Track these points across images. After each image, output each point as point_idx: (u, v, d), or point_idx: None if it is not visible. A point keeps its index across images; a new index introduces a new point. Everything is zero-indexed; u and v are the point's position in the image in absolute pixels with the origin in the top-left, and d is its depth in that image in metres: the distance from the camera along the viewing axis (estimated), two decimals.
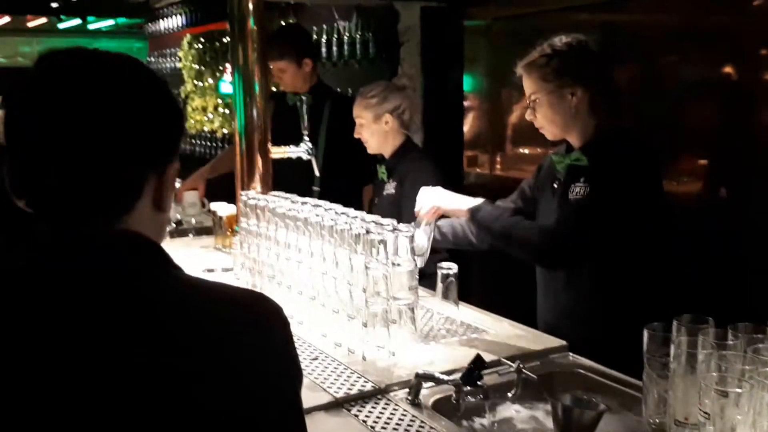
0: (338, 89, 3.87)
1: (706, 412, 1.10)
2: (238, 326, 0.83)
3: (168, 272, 0.85)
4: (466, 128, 4.11)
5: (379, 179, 2.92)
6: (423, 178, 2.56)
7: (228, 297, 0.87)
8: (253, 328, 0.84)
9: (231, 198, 2.92)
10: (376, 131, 2.80)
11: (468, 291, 2.35)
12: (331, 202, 2.05)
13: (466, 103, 4.10)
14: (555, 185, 2.05)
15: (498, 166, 4.11)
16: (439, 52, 3.98)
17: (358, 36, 4.34)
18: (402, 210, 2.59)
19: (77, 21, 7.35)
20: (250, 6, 2.56)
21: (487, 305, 2.21)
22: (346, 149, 3.05)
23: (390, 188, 2.82)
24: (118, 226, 0.86)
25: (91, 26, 7.72)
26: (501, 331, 1.98)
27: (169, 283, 0.84)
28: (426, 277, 2.13)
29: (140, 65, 0.91)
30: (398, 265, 1.77)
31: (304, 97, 2.73)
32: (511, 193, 2.31)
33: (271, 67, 3.14)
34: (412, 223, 2.00)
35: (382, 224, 1.79)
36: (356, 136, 2.84)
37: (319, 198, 2.26)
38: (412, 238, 1.79)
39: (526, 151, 4.03)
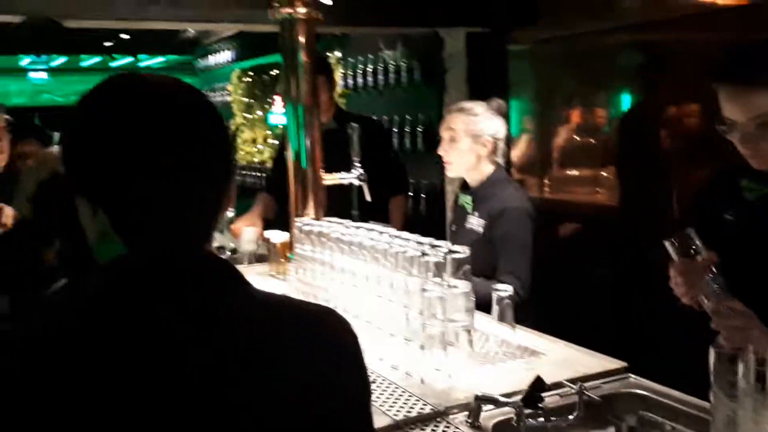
0: (364, 114, 3.97)
1: None
2: (309, 338, 0.85)
3: (244, 289, 0.87)
4: (513, 152, 4.11)
5: (459, 204, 2.70)
6: (516, 234, 2.44)
7: (298, 311, 0.89)
8: (324, 340, 0.86)
9: (284, 226, 2.97)
10: (468, 153, 2.55)
11: (522, 314, 2.33)
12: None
13: (512, 128, 4.11)
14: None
15: (547, 189, 4.10)
16: (485, 77, 4.00)
17: (403, 64, 4.39)
18: (490, 258, 2.43)
19: (129, 59, 7.60)
20: (302, 39, 2.62)
21: (542, 328, 2.19)
22: (377, 169, 3.05)
23: (475, 223, 2.55)
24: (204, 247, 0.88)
25: (142, 63, 7.98)
26: (559, 354, 1.96)
27: (245, 299, 0.86)
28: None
29: (186, 83, 0.90)
30: (454, 287, 1.77)
31: (354, 125, 2.77)
32: (560, 216, 2.25)
33: None
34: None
35: (438, 246, 1.80)
36: (440, 152, 2.61)
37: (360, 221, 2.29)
38: (467, 260, 1.79)
39: (575, 172, 4.02)
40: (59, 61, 8.68)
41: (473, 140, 2.54)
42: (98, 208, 0.83)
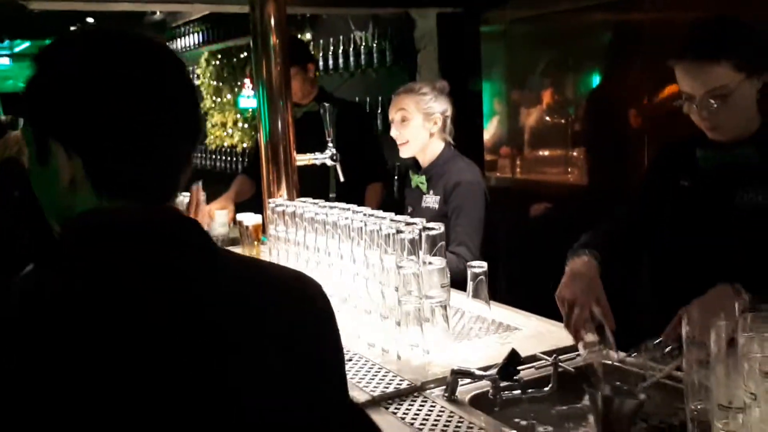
0: (344, 97, 3.91)
1: (752, 393, 1.09)
2: (282, 298, 0.85)
3: (214, 247, 0.87)
4: (486, 133, 4.12)
5: (413, 186, 2.77)
6: (469, 206, 2.50)
7: (271, 271, 0.90)
8: (297, 301, 0.86)
9: (255, 208, 2.95)
10: (422, 131, 2.62)
11: (496, 289, 2.35)
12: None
13: (484, 108, 4.12)
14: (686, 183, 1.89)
15: (518, 170, 4.12)
16: (457, 57, 4.00)
17: (374, 45, 4.38)
18: (450, 232, 2.43)
19: None
20: (272, 21, 2.59)
21: (515, 304, 2.21)
22: (357, 154, 3.05)
23: (431, 201, 2.64)
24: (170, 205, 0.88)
25: None
26: (533, 328, 1.98)
27: (216, 257, 0.86)
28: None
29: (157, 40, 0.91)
30: (429, 263, 1.77)
31: (326, 104, 2.75)
32: (532, 197, 2.30)
33: None
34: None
35: (412, 223, 1.80)
36: (393, 134, 2.68)
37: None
38: (442, 237, 1.79)
39: (546, 153, 4.04)
40: (22, 46, 8.50)
41: (425, 118, 2.63)
42: (73, 155, 0.83)
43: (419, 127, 2.63)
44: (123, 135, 0.82)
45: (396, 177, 4.33)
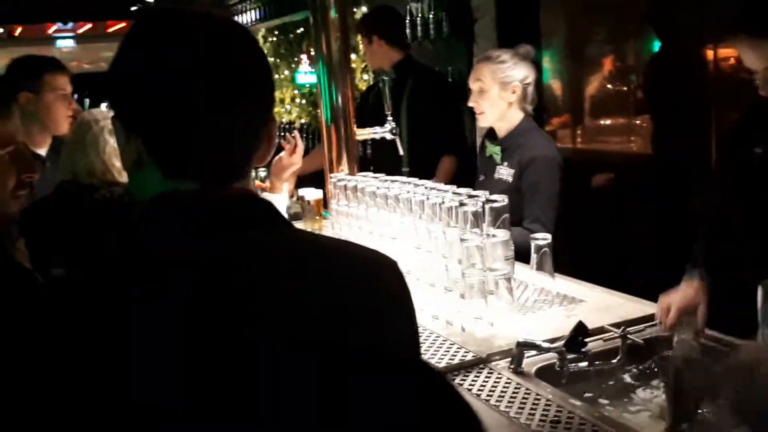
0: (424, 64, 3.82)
1: None
2: (357, 280, 0.82)
3: (287, 227, 0.86)
4: (545, 103, 4.06)
5: (487, 155, 2.66)
6: (545, 182, 2.43)
7: (346, 251, 0.87)
8: (372, 283, 0.84)
9: (317, 183, 2.98)
10: (499, 101, 2.51)
11: (558, 262, 2.33)
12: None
13: (544, 78, 4.05)
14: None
15: (579, 139, 4.05)
16: (515, 26, 3.92)
17: (430, 16, 4.32)
18: (520, 207, 2.40)
19: None
20: None
21: (580, 277, 2.19)
22: (433, 126, 2.99)
23: (504, 173, 2.54)
24: (239, 185, 0.85)
25: None
26: (600, 300, 1.95)
27: (289, 236, 0.85)
28: None
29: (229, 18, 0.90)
30: (493, 236, 1.77)
31: (385, 78, 2.74)
32: (594, 167, 2.24)
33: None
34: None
35: (475, 196, 1.79)
36: (471, 104, 2.58)
37: None
38: (506, 209, 1.78)
39: (608, 121, 3.95)
40: (85, 27, 8.71)
41: (501, 87, 2.51)
42: (132, 134, 0.83)
43: (496, 97, 2.52)
44: (174, 112, 0.80)
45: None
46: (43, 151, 2.61)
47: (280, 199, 2.45)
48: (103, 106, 2.14)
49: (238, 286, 0.76)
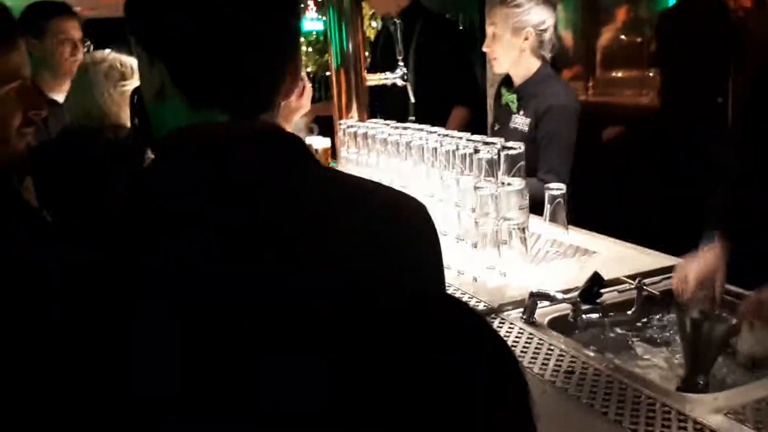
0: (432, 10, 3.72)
1: None
2: (384, 217, 0.80)
3: (314, 163, 0.82)
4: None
5: (503, 103, 2.57)
6: (561, 132, 2.35)
7: (374, 190, 0.84)
8: (400, 222, 0.81)
9: (326, 132, 2.93)
10: (511, 47, 2.41)
11: (571, 214, 2.30)
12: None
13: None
14: None
15: (590, 92, 3.98)
16: None
17: None
18: (538, 158, 2.33)
19: None
20: None
21: (593, 229, 2.16)
22: (444, 74, 2.91)
23: (520, 122, 2.45)
24: (267, 119, 0.81)
25: None
26: (614, 252, 1.93)
27: (317, 172, 0.81)
28: None
29: None
30: (508, 184, 1.73)
31: (397, 20, 2.66)
32: (605, 119, 2.17)
33: None
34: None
35: (490, 143, 1.75)
36: (485, 49, 2.48)
37: None
38: (521, 157, 1.74)
39: (620, 74, 3.88)
40: None
41: (513, 33, 2.41)
42: (155, 59, 0.77)
43: (507, 43, 2.41)
44: (204, 33, 0.75)
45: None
46: (60, 97, 2.56)
47: None
48: (107, 51, 2.08)
49: (267, 243, 0.72)
